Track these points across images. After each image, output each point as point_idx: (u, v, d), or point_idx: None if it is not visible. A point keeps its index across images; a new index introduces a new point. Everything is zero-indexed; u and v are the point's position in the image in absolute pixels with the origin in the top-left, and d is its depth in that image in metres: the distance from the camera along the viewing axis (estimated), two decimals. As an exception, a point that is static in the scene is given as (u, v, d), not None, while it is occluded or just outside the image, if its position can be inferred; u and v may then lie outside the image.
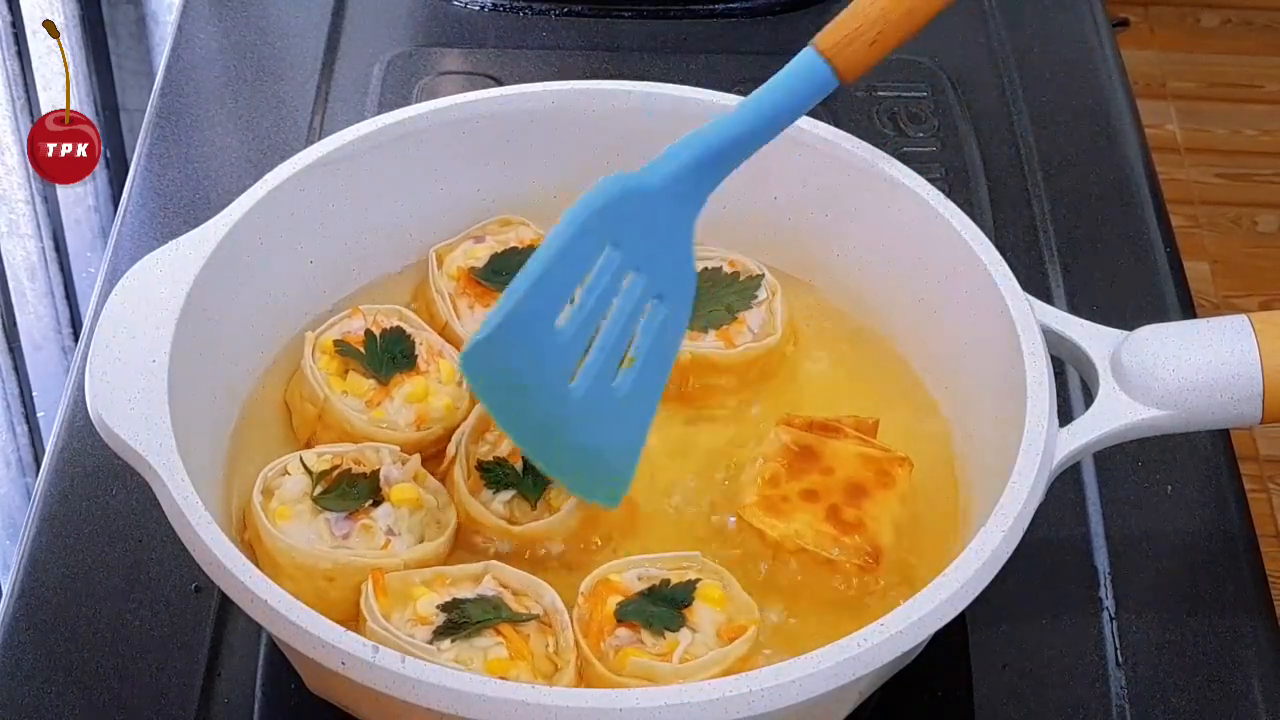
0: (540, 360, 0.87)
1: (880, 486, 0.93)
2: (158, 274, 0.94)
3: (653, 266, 0.89)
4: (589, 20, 1.39)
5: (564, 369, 0.88)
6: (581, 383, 0.89)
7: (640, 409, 0.92)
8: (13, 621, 0.96)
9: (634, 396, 0.91)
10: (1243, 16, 2.95)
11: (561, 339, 0.87)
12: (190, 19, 1.39)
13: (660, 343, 0.91)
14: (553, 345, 0.87)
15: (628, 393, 0.90)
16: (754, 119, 0.91)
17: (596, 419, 0.90)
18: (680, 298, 0.91)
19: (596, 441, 0.90)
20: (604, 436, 0.90)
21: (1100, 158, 1.30)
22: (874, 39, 0.90)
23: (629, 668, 0.85)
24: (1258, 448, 2.30)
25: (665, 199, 0.89)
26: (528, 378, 0.87)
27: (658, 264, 0.90)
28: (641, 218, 0.89)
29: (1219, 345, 0.92)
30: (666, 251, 0.90)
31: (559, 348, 0.88)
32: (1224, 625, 0.99)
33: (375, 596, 0.87)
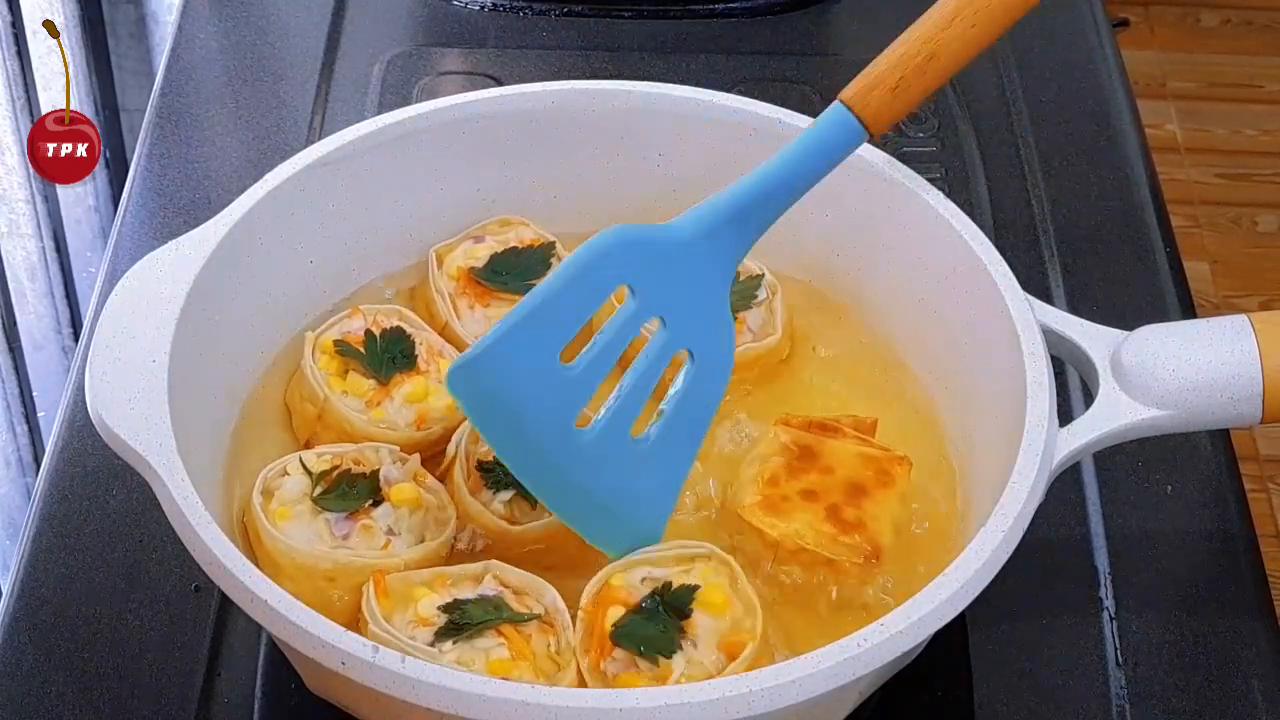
0: (542, 394, 0.86)
1: (880, 486, 0.93)
2: (158, 274, 0.94)
3: (682, 319, 0.88)
4: (589, 20, 1.39)
5: (569, 409, 0.87)
6: (593, 427, 0.88)
7: (669, 467, 0.90)
8: (13, 621, 0.96)
9: (661, 453, 0.89)
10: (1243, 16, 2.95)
11: (567, 376, 0.86)
12: (190, 19, 1.39)
13: (693, 400, 0.89)
14: (556, 380, 0.86)
15: (653, 448, 0.89)
16: (781, 174, 0.90)
17: (612, 469, 0.88)
18: (717, 355, 0.90)
19: (611, 492, 0.88)
20: (621, 489, 0.88)
21: (1100, 158, 1.30)
22: (896, 84, 0.89)
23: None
24: (1258, 448, 2.30)
25: (692, 253, 0.88)
26: (526, 409, 0.86)
27: (687, 318, 0.89)
28: (665, 267, 0.88)
29: (1219, 345, 0.92)
30: (698, 307, 0.89)
31: (563, 385, 0.86)
32: (1224, 625, 0.99)
33: (376, 599, 0.87)
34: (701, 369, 0.89)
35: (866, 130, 0.90)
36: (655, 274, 0.87)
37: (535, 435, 0.87)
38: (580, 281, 0.86)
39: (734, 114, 1.06)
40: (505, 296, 1.03)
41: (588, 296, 0.86)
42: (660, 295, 0.88)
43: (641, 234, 0.88)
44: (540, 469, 0.88)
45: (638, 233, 0.88)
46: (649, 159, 1.08)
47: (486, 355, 0.85)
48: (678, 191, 1.08)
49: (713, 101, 1.06)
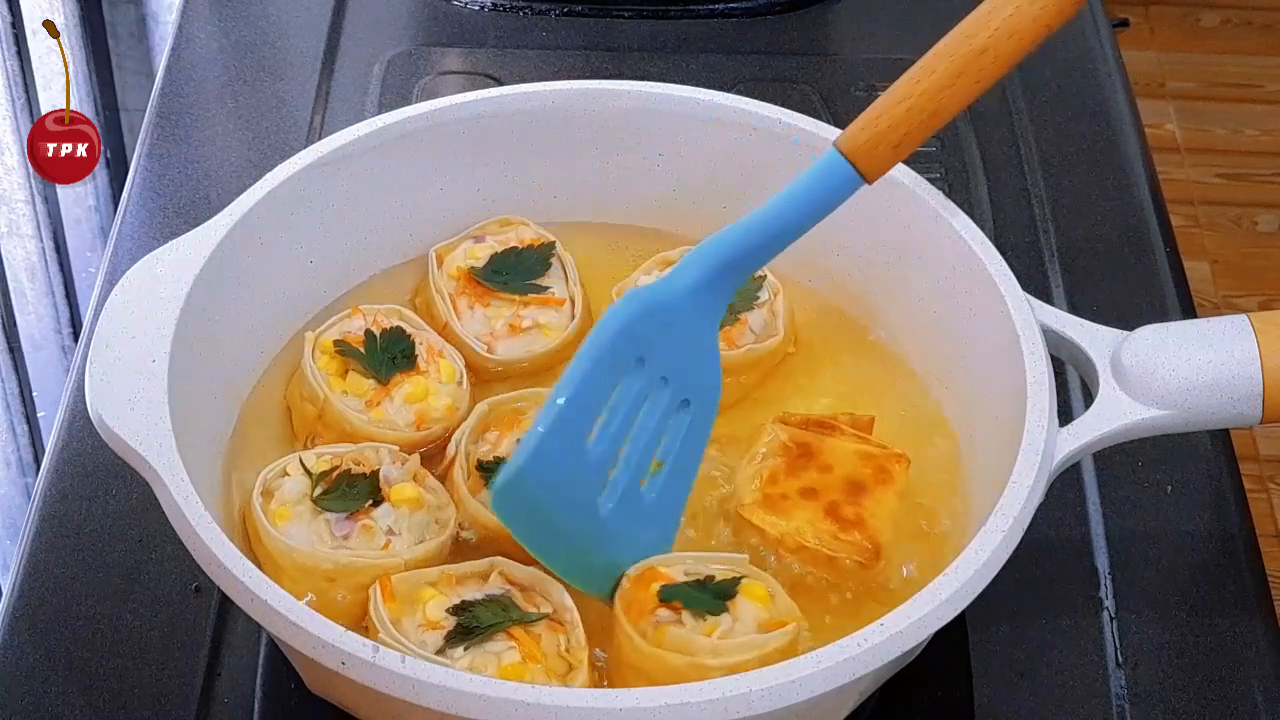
0: (571, 484, 0.87)
1: (879, 483, 0.94)
2: (158, 274, 0.94)
3: (679, 375, 0.89)
4: (589, 20, 1.39)
5: (594, 488, 0.88)
6: (609, 498, 0.89)
7: (668, 512, 0.91)
8: (13, 621, 0.96)
9: (662, 501, 0.90)
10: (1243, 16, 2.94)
11: (591, 458, 0.87)
12: (190, 19, 1.39)
13: (687, 447, 0.91)
14: (582, 467, 0.87)
15: (656, 498, 0.90)
16: (775, 224, 0.89)
17: (625, 530, 0.89)
18: (706, 400, 0.91)
19: (625, 550, 0.89)
20: (632, 544, 0.90)
21: (1100, 158, 1.30)
22: (899, 141, 0.88)
23: (668, 641, 0.85)
24: (1258, 448, 2.30)
25: (688, 306, 0.89)
26: (559, 504, 0.87)
27: (683, 371, 0.89)
28: (665, 330, 0.88)
29: (1219, 345, 0.92)
30: (691, 358, 0.90)
31: (588, 468, 0.87)
32: (1224, 625, 0.99)
33: (383, 602, 0.87)
34: (695, 413, 0.91)
35: (864, 180, 0.89)
36: (660, 339, 0.88)
37: (566, 524, 0.88)
38: (599, 372, 0.86)
39: (734, 114, 1.06)
40: (505, 297, 1.03)
41: (607, 380, 0.87)
42: (665, 358, 0.88)
43: (648, 302, 0.88)
44: (568, 553, 0.89)
45: (644, 301, 0.88)
46: (649, 159, 1.08)
47: (528, 467, 0.84)
48: (678, 191, 1.09)
49: (713, 101, 1.06)
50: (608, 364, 0.87)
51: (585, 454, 0.87)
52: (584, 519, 0.88)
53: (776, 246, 0.90)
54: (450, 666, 0.83)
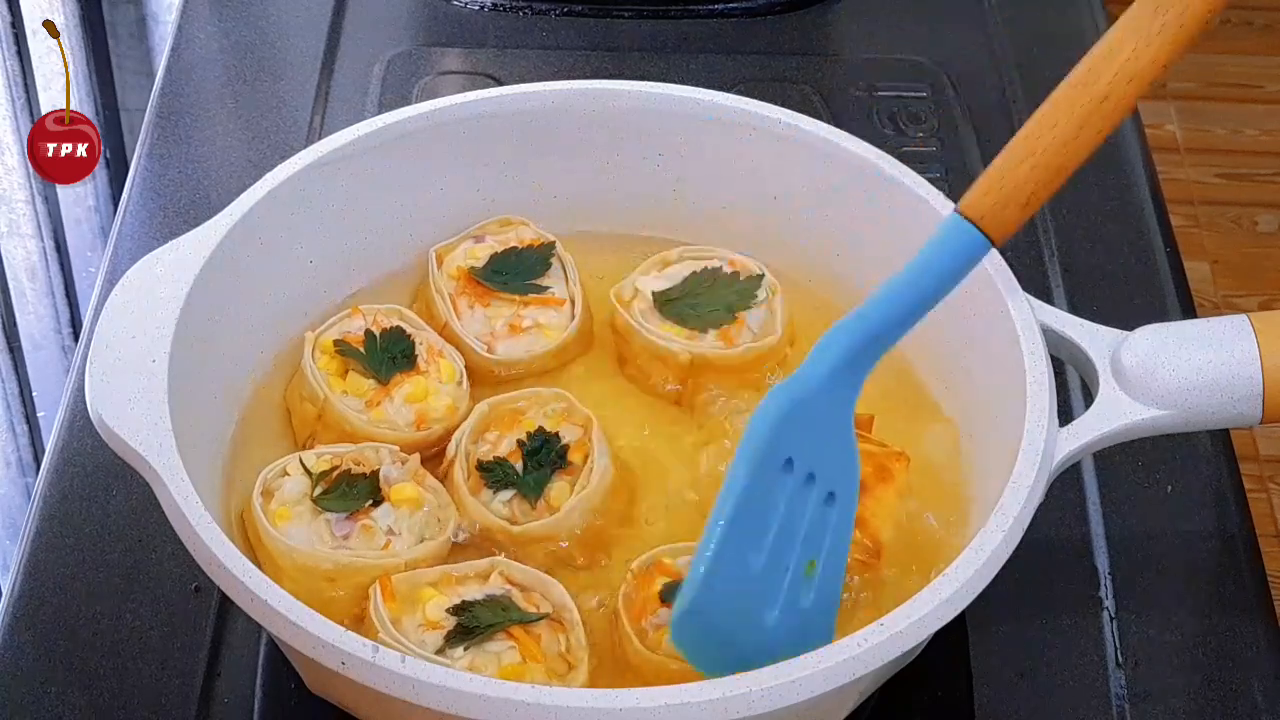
0: (739, 602, 0.84)
1: (879, 482, 0.93)
2: (158, 274, 0.94)
3: (823, 469, 0.86)
4: (589, 20, 1.39)
5: (761, 602, 0.85)
6: (773, 609, 0.86)
7: (825, 613, 0.87)
8: (13, 621, 0.96)
9: (819, 603, 0.87)
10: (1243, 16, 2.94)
11: (756, 574, 0.84)
12: (190, 19, 1.39)
13: (837, 539, 0.87)
14: (749, 583, 0.84)
15: (814, 600, 0.87)
16: (904, 302, 0.86)
17: (788, 637, 0.86)
18: (848, 490, 0.87)
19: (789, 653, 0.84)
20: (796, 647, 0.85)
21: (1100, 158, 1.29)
22: (1026, 201, 0.84)
23: (665, 646, 0.85)
24: (1258, 448, 2.30)
25: (825, 398, 0.86)
26: (730, 623, 0.84)
27: (826, 464, 0.86)
28: (808, 423, 0.85)
29: (1219, 345, 0.92)
30: (832, 449, 0.87)
31: (754, 584, 0.84)
32: (1224, 625, 0.99)
33: (384, 603, 0.87)
34: (839, 504, 0.87)
35: (992, 244, 0.85)
36: (805, 434, 0.85)
37: (736, 639, 0.85)
38: (756, 478, 0.84)
39: (734, 114, 1.06)
40: (505, 297, 1.03)
41: (764, 488, 0.84)
42: (808, 453, 0.85)
43: (790, 400, 0.85)
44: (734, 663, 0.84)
45: (787, 400, 0.85)
46: (649, 159, 1.08)
47: (701, 598, 0.83)
48: (678, 191, 1.09)
49: (713, 101, 1.06)
50: (763, 471, 0.84)
51: (750, 569, 0.84)
52: (754, 633, 0.85)
53: (907, 325, 0.86)
54: (450, 666, 0.83)
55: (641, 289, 1.03)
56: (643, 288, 1.03)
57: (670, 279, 1.04)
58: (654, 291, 1.03)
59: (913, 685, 0.91)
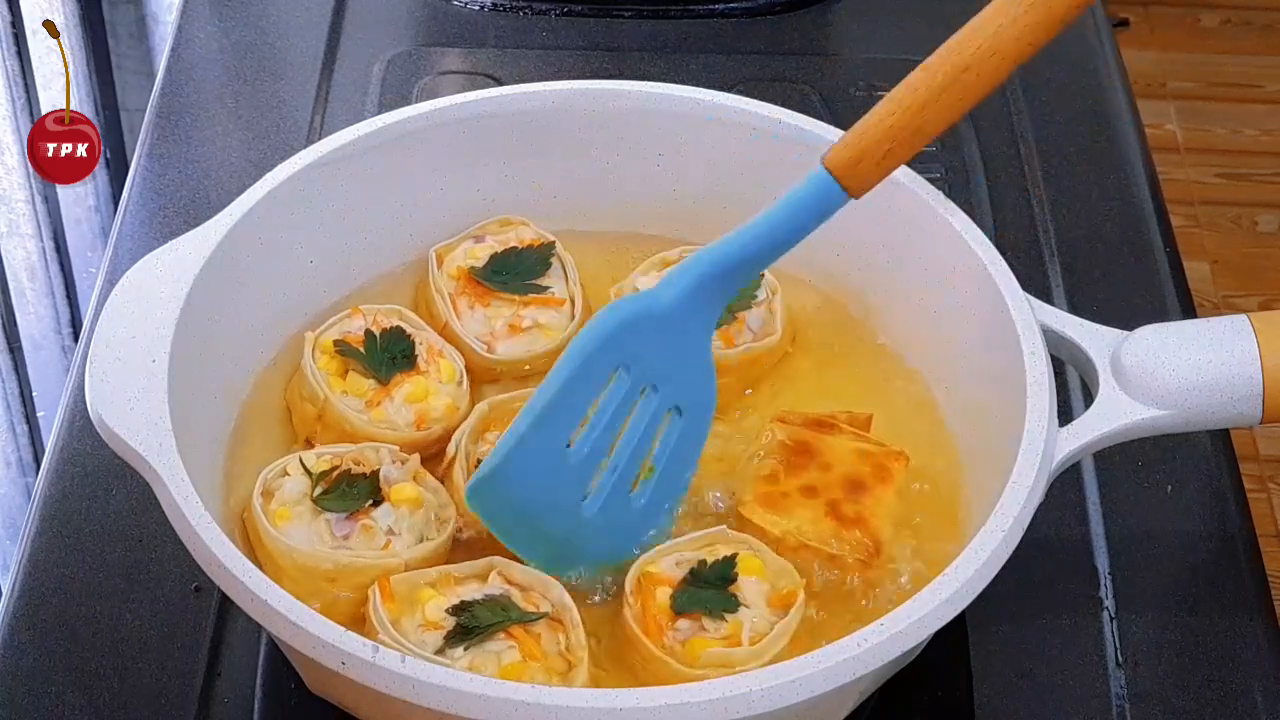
0: (550, 486, 0.89)
1: (878, 481, 0.94)
2: (158, 274, 0.94)
3: (669, 382, 0.90)
4: (589, 20, 1.39)
5: (575, 492, 0.90)
6: (594, 502, 0.90)
7: (656, 513, 0.93)
8: (13, 621, 0.96)
9: (651, 504, 0.92)
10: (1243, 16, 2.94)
11: (573, 461, 0.89)
12: (190, 19, 1.39)
13: (679, 454, 0.92)
14: (563, 469, 0.89)
15: (645, 503, 0.92)
16: (762, 238, 0.90)
17: (612, 532, 0.91)
18: (700, 408, 0.92)
19: (611, 549, 0.92)
20: (619, 544, 0.92)
21: (1100, 158, 1.30)
22: (882, 156, 0.89)
23: (704, 659, 0.86)
24: (1258, 448, 2.30)
25: (678, 316, 0.90)
26: (537, 504, 0.89)
27: (674, 378, 0.91)
28: (652, 338, 0.89)
29: (1219, 345, 0.92)
30: (682, 365, 0.91)
31: (570, 470, 0.89)
32: (1224, 625, 0.99)
33: (383, 603, 0.87)
34: (687, 420, 0.92)
35: (848, 195, 0.90)
36: (646, 347, 0.89)
37: (546, 524, 0.90)
38: (580, 378, 0.88)
39: (734, 114, 1.06)
40: (505, 297, 1.03)
41: (587, 390, 0.89)
42: (650, 365, 0.90)
43: (633, 312, 0.90)
44: (549, 549, 0.91)
45: (630, 311, 0.90)
46: (649, 159, 1.08)
47: (501, 469, 0.88)
48: (678, 191, 1.09)
49: (713, 101, 1.06)
50: (589, 372, 0.88)
51: (565, 457, 0.89)
52: (566, 520, 0.90)
53: (765, 260, 0.91)
54: (450, 666, 0.83)
55: (641, 289, 1.03)
56: (642, 287, 1.03)
57: (670, 279, 1.04)
58: (654, 291, 1.03)
59: (913, 685, 0.91)
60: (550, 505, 0.90)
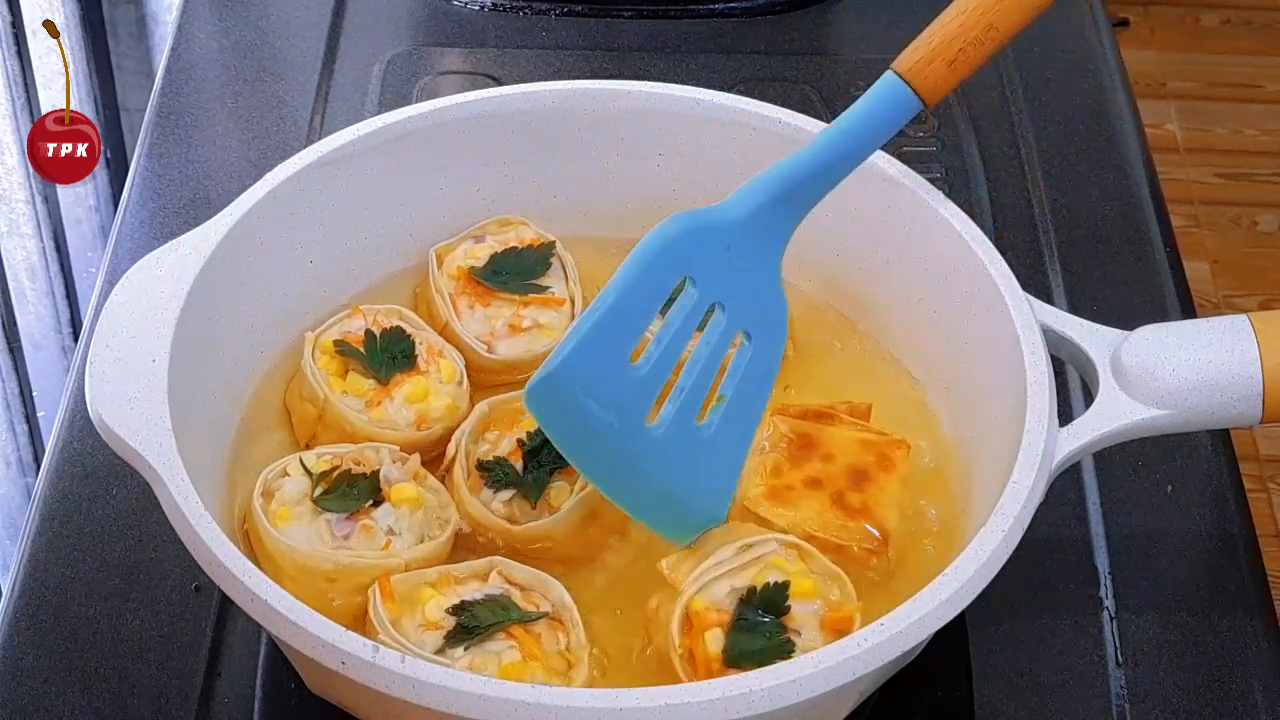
0: (613, 397, 0.85)
1: (881, 470, 0.94)
2: (158, 274, 0.94)
3: (738, 302, 0.87)
4: (589, 20, 1.39)
5: (640, 407, 0.86)
6: (661, 422, 0.86)
7: (730, 448, 0.89)
8: (13, 621, 0.96)
9: (723, 435, 0.88)
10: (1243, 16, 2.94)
11: (636, 375, 0.85)
12: (190, 19, 1.39)
13: (751, 379, 0.88)
14: (627, 382, 0.85)
15: (715, 432, 0.88)
16: (833, 148, 0.88)
17: (680, 460, 0.87)
18: (771, 332, 0.89)
19: (680, 481, 0.87)
20: (689, 477, 0.88)
21: (1100, 158, 1.30)
22: (954, 58, 0.87)
23: None
24: (1258, 448, 2.30)
25: (747, 233, 0.87)
26: (599, 414, 0.85)
27: (743, 299, 0.87)
28: (721, 252, 0.86)
29: (1219, 345, 0.92)
30: (752, 286, 0.88)
31: (634, 384, 0.85)
32: (1224, 625, 0.99)
33: (383, 603, 0.87)
34: (758, 346, 0.88)
35: (923, 102, 0.88)
36: (713, 261, 0.86)
37: (608, 439, 0.86)
38: (644, 282, 0.85)
39: (734, 114, 1.06)
40: (505, 297, 1.03)
41: (652, 295, 0.85)
42: (718, 281, 0.86)
43: (698, 222, 0.86)
44: (612, 470, 0.87)
45: (694, 221, 0.86)
46: (649, 159, 1.08)
47: (563, 369, 0.84)
48: (678, 191, 1.09)
49: (713, 101, 1.06)
50: (652, 276, 0.84)
51: (629, 369, 0.85)
52: (630, 439, 0.86)
53: (835, 173, 0.88)
54: (450, 666, 0.83)
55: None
56: (643, 287, 1.03)
57: (670, 279, 1.04)
58: (654, 291, 1.03)
59: (913, 685, 0.91)
60: (613, 419, 0.85)
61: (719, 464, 0.89)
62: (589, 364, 0.84)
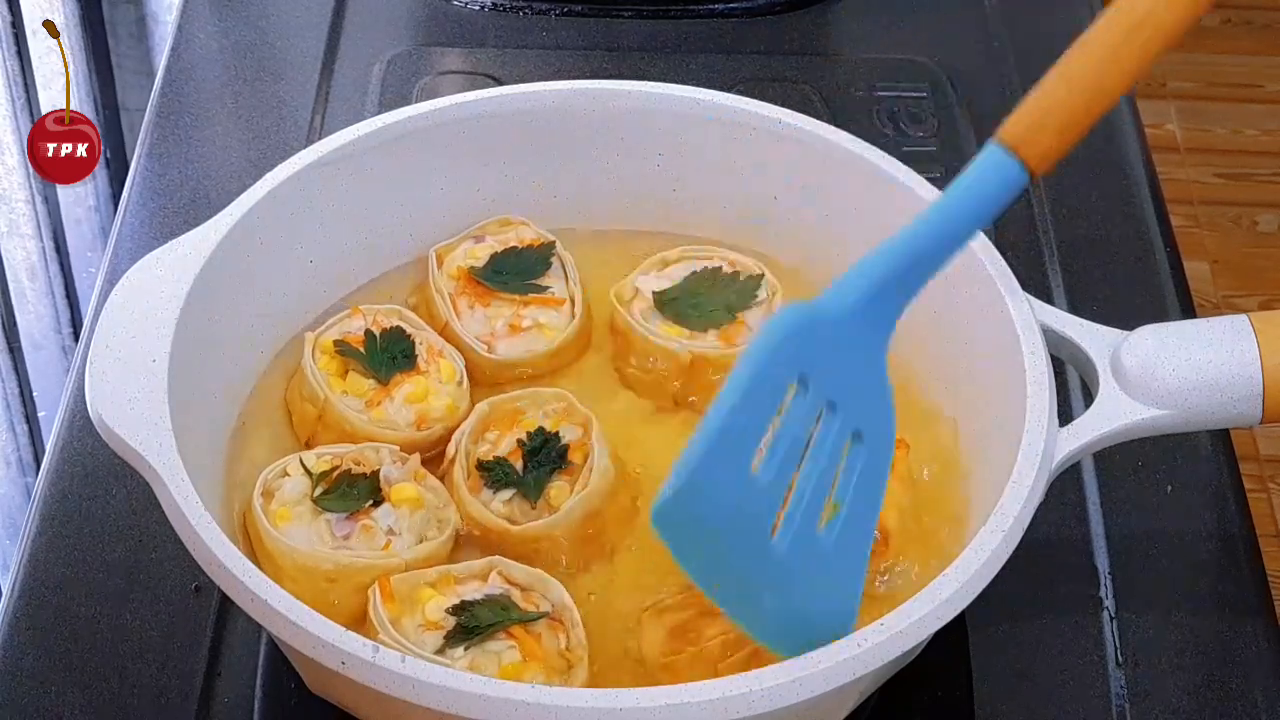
0: (737, 509, 0.80)
1: None
2: (158, 274, 0.94)
3: (847, 400, 0.82)
4: (589, 20, 1.39)
5: (764, 518, 0.81)
6: (784, 535, 0.82)
7: (850, 558, 0.84)
8: (13, 621, 0.96)
9: (844, 544, 0.83)
10: (1243, 16, 2.94)
11: (758, 485, 0.80)
12: (190, 19, 1.39)
13: (865, 485, 0.83)
14: (749, 491, 0.80)
15: (836, 541, 0.83)
16: (941, 232, 0.82)
17: (803, 572, 0.83)
18: (881, 433, 0.84)
19: (805, 595, 0.83)
20: (813, 589, 0.83)
21: (1100, 158, 1.30)
22: (1063, 126, 0.81)
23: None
24: (1258, 448, 2.30)
25: (851, 327, 0.82)
26: (725, 530, 0.81)
27: (852, 397, 0.82)
28: (828, 350, 0.81)
29: (1219, 345, 0.92)
30: (860, 383, 0.83)
31: (756, 494, 0.80)
32: (1224, 625, 0.99)
33: (383, 603, 0.87)
34: (870, 445, 0.84)
35: (1030, 174, 0.82)
36: (823, 357, 0.81)
37: (734, 554, 0.82)
38: (760, 387, 0.80)
39: (734, 114, 1.06)
40: (505, 296, 1.03)
41: (768, 399, 0.80)
42: (829, 378, 0.82)
43: (807, 318, 0.81)
44: (737, 586, 0.83)
45: (804, 317, 0.81)
46: (649, 159, 1.08)
47: (689, 487, 0.79)
48: (678, 191, 1.09)
49: (713, 101, 1.06)
50: (769, 378, 0.80)
51: (751, 480, 0.80)
52: (755, 556, 0.82)
53: (941, 256, 0.83)
54: (450, 666, 0.83)
55: (641, 289, 1.03)
56: (643, 287, 1.03)
57: (670, 279, 1.04)
58: (654, 291, 1.03)
59: (913, 685, 0.91)
60: (738, 535, 0.81)
61: (841, 574, 0.84)
62: (712, 478, 0.79)
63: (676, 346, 1.01)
